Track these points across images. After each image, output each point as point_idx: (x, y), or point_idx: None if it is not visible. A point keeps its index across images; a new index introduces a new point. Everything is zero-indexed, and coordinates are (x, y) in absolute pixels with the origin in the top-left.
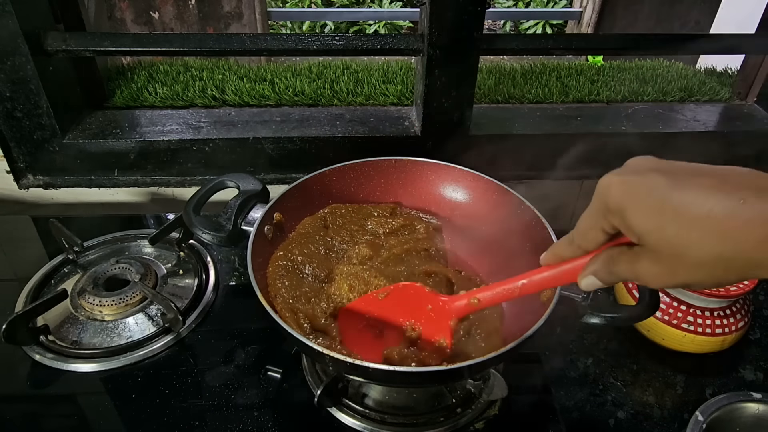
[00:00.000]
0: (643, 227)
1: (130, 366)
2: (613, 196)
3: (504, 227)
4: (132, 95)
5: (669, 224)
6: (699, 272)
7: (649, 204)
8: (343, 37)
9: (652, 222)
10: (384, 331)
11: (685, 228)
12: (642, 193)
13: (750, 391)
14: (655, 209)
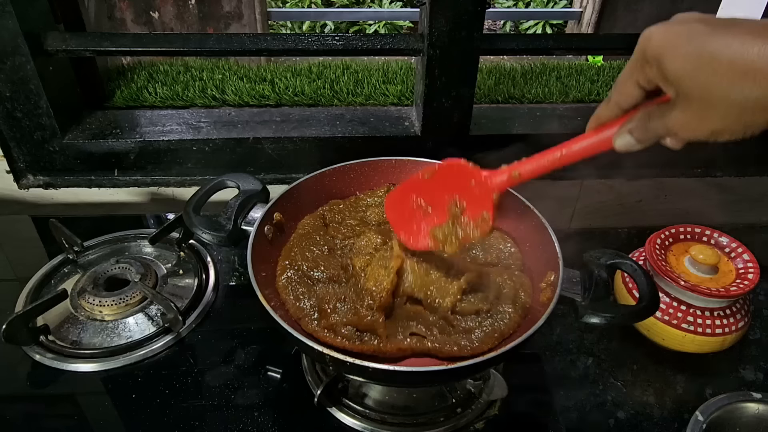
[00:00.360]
0: (679, 72)
1: (130, 366)
2: (653, 44)
3: (504, 227)
4: (132, 95)
5: (704, 67)
6: (728, 117)
7: (687, 49)
8: (343, 37)
9: (689, 66)
10: (431, 209)
11: (720, 71)
12: (682, 39)
13: (750, 391)
14: (692, 54)
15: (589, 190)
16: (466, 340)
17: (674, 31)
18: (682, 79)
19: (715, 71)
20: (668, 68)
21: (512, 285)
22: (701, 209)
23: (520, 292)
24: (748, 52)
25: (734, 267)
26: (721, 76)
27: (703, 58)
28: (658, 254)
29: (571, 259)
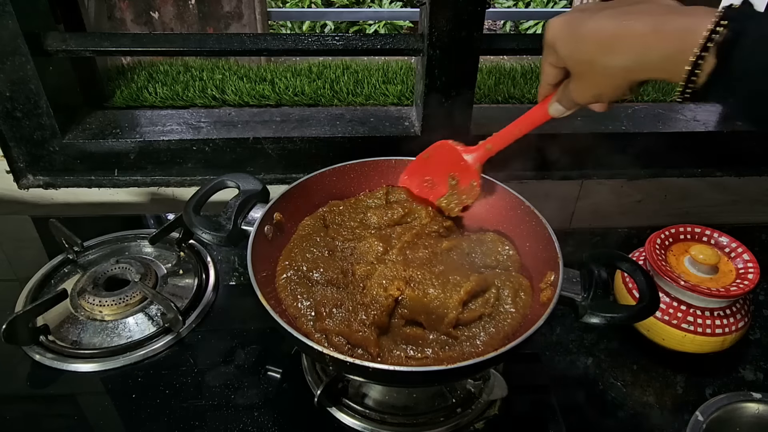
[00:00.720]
0: (565, 54)
1: (130, 366)
2: (549, 34)
3: (504, 227)
4: (132, 95)
5: (580, 47)
6: (603, 83)
7: (568, 34)
8: (343, 37)
9: (570, 47)
10: (435, 183)
11: (590, 49)
12: (566, 27)
13: (750, 391)
14: (571, 38)
15: (589, 190)
16: (470, 346)
17: (563, 21)
18: (567, 59)
19: (587, 49)
20: (559, 52)
21: (512, 286)
22: (701, 209)
23: (520, 292)
24: (607, 28)
25: (734, 267)
26: (591, 53)
27: (578, 40)
28: (658, 254)
29: (571, 259)
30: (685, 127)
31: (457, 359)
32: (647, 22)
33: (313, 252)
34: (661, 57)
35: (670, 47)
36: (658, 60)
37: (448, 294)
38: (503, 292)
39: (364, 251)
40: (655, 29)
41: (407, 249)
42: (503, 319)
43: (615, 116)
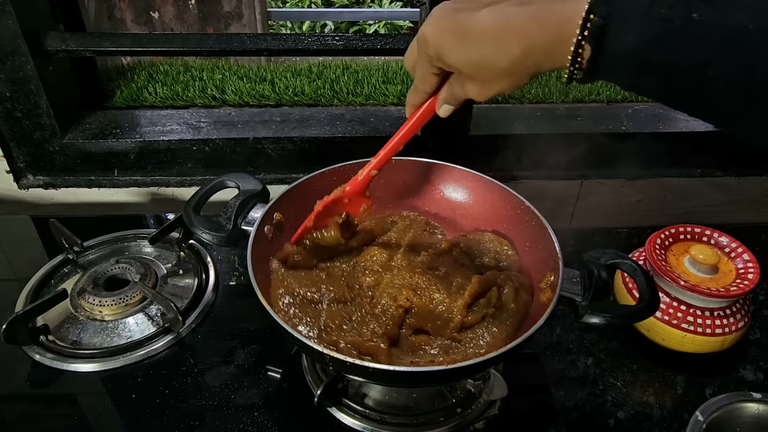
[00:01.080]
0: (455, 58)
1: (130, 366)
2: (431, 46)
3: (504, 227)
4: (132, 95)
5: (473, 49)
6: (505, 79)
7: (454, 39)
8: (343, 37)
9: (460, 52)
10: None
11: (485, 47)
12: (448, 33)
13: (750, 391)
14: (460, 41)
15: (589, 190)
16: (474, 347)
17: (444, 27)
18: (461, 65)
19: (479, 50)
20: (448, 59)
21: (512, 285)
22: (701, 209)
23: (521, 291)
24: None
25: (734, 267)
26: (483, 53)
27: (468, 42)
28: (658, 254)
29: (571, 259)
30: (685, 127)
31: (460, 362)
32: (529, 13)
33: (310, 274)
34: (545, 48)
35: (552, 38)
36: (544, 51)
37: (452, 298)
38: (504, 291)
39: (367, 261)
40: (537, 20)
41: (410, 252)
42: (505, 319)
43: (615, 116)
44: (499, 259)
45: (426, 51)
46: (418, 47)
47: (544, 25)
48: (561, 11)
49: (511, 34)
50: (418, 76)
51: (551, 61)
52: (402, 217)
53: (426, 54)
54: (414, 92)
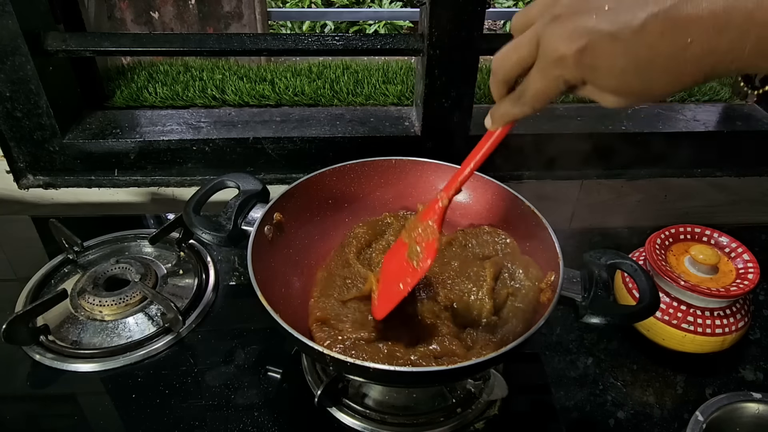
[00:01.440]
0: (613, 87)
1: (130, 366)
2: (569, 67)
3: (504, 227)
4: (132, 95)
5: (634, 79)
6: (667, 91)
7: (609, 63)
8: (343, 37)
9: (620, 81)
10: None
11: (646, 75)
12: (598, 52)
13: (750, 391)
14: (623, 82)
15: (589, 190)
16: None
17: (586, 40)
18: (618, 90)
19: (644, 78)
20: (601, 84)
21: (520, 264)
22: (701, 209)
23: (530, 267)
24: (668, 37)
25: (734, 267)
26: (650, 79)
27: (635, 69)
28: (658, 254)
29: (571, 259)
30: (685, 127)
31: (508, 340)
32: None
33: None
34: (746, 62)
35: (756, 44)
36: (746, 64)
37: (479, 286)
38: (515, 269)
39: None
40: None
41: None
42: (526, 294)
43: (615, 116)
44: (498, 249)
45: (562, 73)
46: (545, 63)
47: (741, 32)
48: (762, 5)
49: (695, 46)
50: (534, 92)
51: (754, 67)
52: (397, 217)
53: (561, 76)
54: (515, 105)
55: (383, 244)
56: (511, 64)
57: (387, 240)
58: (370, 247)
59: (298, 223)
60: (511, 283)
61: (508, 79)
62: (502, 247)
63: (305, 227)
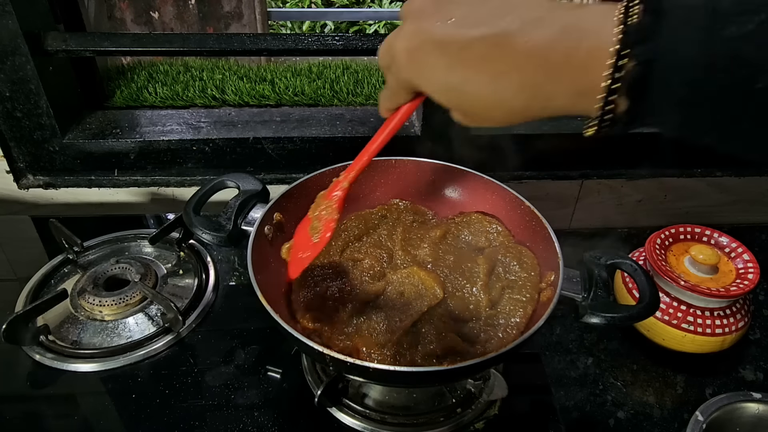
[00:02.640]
0: (434, 94)
1: (130, 366)
2: (402, 71)
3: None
4: (132, 95)
5: (459, 91)
6: (499, 120)
7: (430, 71)
8: (343, 37)
9: (441, 92)
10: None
11: (476, 88)
12: (422, 61)
13: (750, 391)
14: (438, 77)
15: (589, 190)
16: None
17: (415, 49)
18: (440, 100)
19: (468, 89)
20: (425, 91)
21: (513, 255)
22: (701, 209)
23: (523, 258)
24: (489, 61)
25: (734, 267)
26: (474, 93)
27: (454, 82)
28: (658, 254)
29: (571, 259)
30: None
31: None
32: (536, 50)
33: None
34: (559, 98)
35: (568, 89)
36: (558, 102)
37: (473, 282)
38: (509, 262)
39: (368, 267)
40: (546, 64)
41: (409, 247)
42: (522, 286)
43: None
44: (490, 239)
45: (397, 74)
46: (387, 63)
47: (556, 73)
48: (577, 53)
49: (512, 77)
50: (389, 91)
51: (569, 111)
52: (390, 209)
53: (397, 77)
54: (388, 99)
55: (375, 238)
56: (382, 56)
57: (379, 234)
58: (360, 241)
59: (298, 223)
60: (506, 276)
61: (384, 71)
62: (495, 236)
63: None
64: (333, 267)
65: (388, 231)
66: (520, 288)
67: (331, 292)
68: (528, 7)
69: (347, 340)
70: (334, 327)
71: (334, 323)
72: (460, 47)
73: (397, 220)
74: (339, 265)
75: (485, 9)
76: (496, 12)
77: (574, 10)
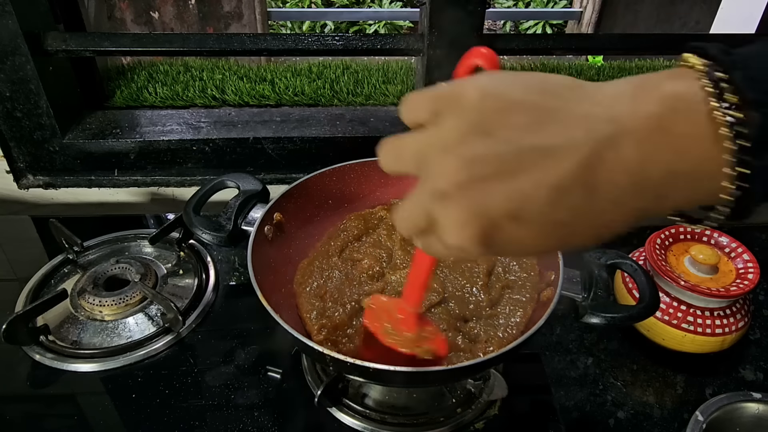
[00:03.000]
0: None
1: (130, 366)
2: (479, 255)
3: None
4: (132, 95)
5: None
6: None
7: (522, 250)
8: (343, 37)
9: (530, 252)
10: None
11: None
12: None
13: (750, 391)
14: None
15: None
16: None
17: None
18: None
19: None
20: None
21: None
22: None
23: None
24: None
25: (734, 267)
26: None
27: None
28: (658, 254)
29: (571, 259)
30: None
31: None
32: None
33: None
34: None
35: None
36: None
37: (473, 282)
38: (509, 262)
39: (368, 266)
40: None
41: (409, 247)
42: (522, 286)
43: None
44: None
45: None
46: (419, 231)
47: (663, 190)
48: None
49: (614, 212)
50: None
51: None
52: (390, 209)
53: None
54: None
55: (374, 238)
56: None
57: (378, 234)
58: (359, 241)
59: (298, 223)
60: (506, 276)
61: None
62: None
63: (305, 227)
64: (331, 268)
65: (388, 231)
66: (520, 288)
67: (330, 293)
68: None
69: (350, 342)
70: (337, 329)
71: (336, 325)
72: (544, 211)
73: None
74: (337, 265)
75: (540, 136)
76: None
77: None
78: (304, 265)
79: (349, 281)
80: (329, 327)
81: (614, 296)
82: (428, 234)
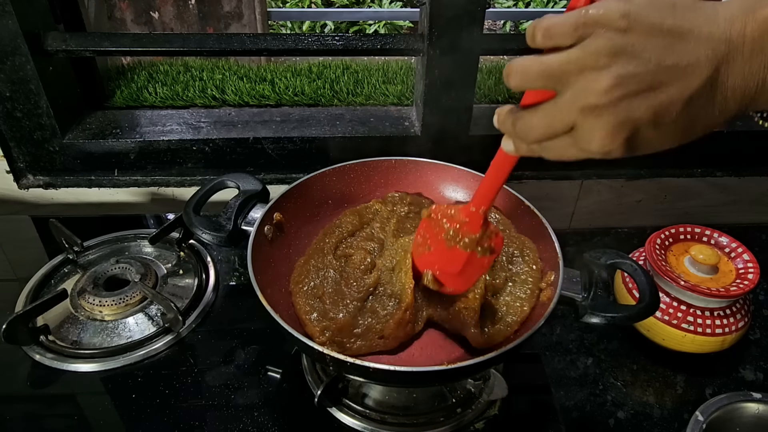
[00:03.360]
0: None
1: (130, 366)
2: (616, 155)
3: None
4: (132, 95)
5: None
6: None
7: (655, 147)
8: (343, 37)
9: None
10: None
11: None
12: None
13: (750, 391)
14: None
15: (589, 190)
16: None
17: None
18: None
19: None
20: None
21: (515, 245)
22: (701, 209)
23: (525, 249)
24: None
25: (734, 267)
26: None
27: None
28: (658, 254)
29: (571, 259)
30: None
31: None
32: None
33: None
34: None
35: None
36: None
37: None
38: (512, 252)
39: (359, 260)
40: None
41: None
42: (525, 278)
43: None
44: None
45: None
46: (586, 151)
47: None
48: None
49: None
50: (551, 152)
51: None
52: (385, 201)
53: (587, 152)
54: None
55: (367, 231)
56: (544, 136)
57: (372, 228)
58: (352, 236)
59: (298, 223)
60: (509, 267)
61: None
62: (495, 224)
63: (305, 227)
64: (326, 266)
65: (381, 224)
66: (522, 283)
67: (329, 294)
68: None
69: (359, 340)
70: (342, 330)
71: (341, 327)
72: (677, 118)
73: (392, 212)
74: (332, 264)
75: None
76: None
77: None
78: (300, 263)
79: (345, 280)
80: (333, 329)
81: (614, 296)
82: (560, 138)
